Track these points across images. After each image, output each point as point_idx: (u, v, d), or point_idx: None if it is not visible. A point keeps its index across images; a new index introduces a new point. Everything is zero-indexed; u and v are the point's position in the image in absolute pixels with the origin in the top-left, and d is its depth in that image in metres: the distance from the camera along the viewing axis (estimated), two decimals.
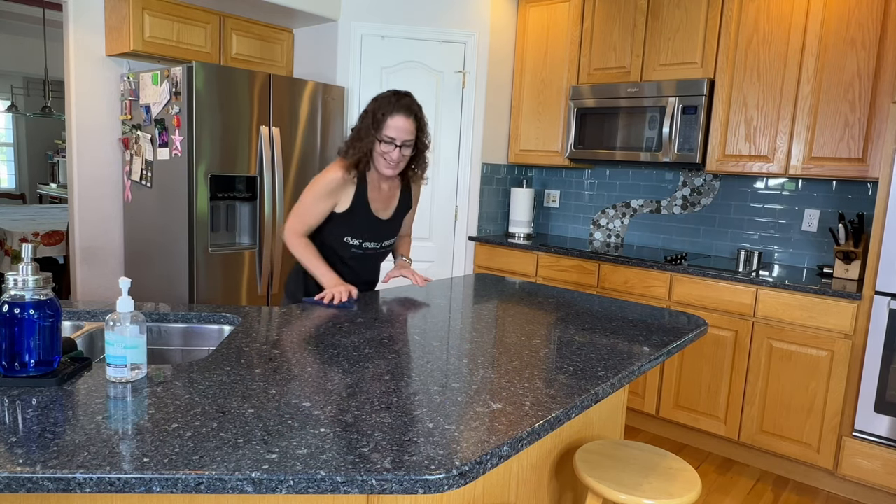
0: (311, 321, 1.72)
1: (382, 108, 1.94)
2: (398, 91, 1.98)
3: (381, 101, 1.96)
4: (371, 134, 1.95)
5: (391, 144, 1.95)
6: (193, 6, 3.45)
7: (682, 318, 1.99)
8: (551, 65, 3.86)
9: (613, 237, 4.02)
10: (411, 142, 1.98)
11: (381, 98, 1.97)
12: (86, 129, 3.38)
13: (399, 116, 1.93)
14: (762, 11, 3.06)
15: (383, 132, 1.94)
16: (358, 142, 1.97)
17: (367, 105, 2.00)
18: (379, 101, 1.96)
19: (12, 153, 9.02)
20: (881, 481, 2.60)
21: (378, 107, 1.95)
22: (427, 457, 0.97)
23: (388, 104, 1.94)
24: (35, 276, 1.18)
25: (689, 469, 1.60)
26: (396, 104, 1.94)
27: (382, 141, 1.95)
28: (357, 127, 2.00)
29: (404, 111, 1.94)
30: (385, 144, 1.95)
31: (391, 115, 1.93)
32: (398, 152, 1.96)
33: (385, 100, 1.96)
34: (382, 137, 1.94)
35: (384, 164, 1.99)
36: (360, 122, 1.99)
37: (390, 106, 1.94)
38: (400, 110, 1.94)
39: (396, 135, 1.94)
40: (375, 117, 1.94)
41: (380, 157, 1.98)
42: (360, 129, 1.98)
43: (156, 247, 3.32)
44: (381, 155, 1.97)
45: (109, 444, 0.95)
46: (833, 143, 2.90)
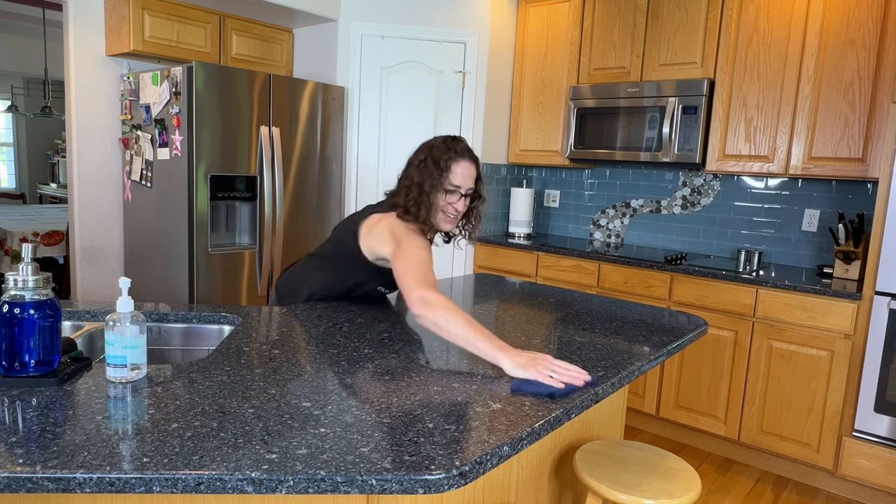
0: (312, 321, 1.72)
1: (444, 155, 1.74)
2: (451, 136, 1.80)
3: (438, 149, 1.76)
4: (437, 184, 1.73)
5: (456, 194, 1.76)
6: (193, 6, 3.46)
7: (682, 318, 1.99)
8: (551, 65, 3.86)
9: (613, 237, 4.02)
10: (472, 191, 1.80)
11: (436, 145, 1.77)
12: (86, 129, 3.38)
13: (464, 161, 1.76)
14: (762, 11, 3.06)
15: (450, 180, 1.74)
16: (423, 196, 1.73)
17: (419, 154, 1.80)
18: (436, 149, 1.76)
19: (12, 153, 9.02)
20: (881, 481, 2.60)
21: (438, 154, 1.75)
22: (427, 457, 0.97)
23: (448, 150, 1.75)
24: (35, 276, 1.18)
25: (689, 469, 1.60)
26: (458, 149, 1.76)
27: (448, 191, 1.75)
28: (416, 180, 1.75)
29: (468, 156, 1.77)
30: (450, 195, 1.76)
31: (455, 160, 1.74)
32: (463, 203, 1.78)
33: (442, 146, 1.76)
34: (448, 186, 1.74)
35: (444, 218, 1.78)
36: (419, 174, 1.75)
37: (452, 151, 1.75)
38: (464, 156, 1.76)
39: (462, 182, 1.76)
40: (439, 165, 1.73)
41: (440, 212, 1.77)
42: (422, 181, 1.74)
43: (156, 247, 3.32)
44: (443, 208, 1.77)
45: (109, 444, 0.95)
46: (833, 143, 2.90)
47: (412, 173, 1.77)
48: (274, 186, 3.34)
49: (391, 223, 1.76)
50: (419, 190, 1.74)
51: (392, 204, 1.81)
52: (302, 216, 3.55)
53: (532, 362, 1.35)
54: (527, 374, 1.34)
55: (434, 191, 1.74)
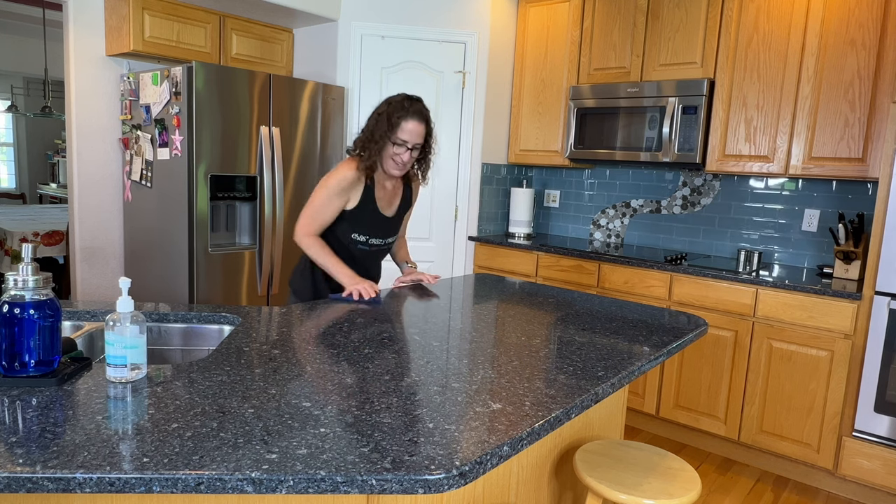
0: (312, 321, 1.72)
1: (397, 112, 2.01)
2: (410, 96, 2.05)
3: (394, 105, 2.03)
4: (385, 136, 2.02)
5: (403, 147, 2.03)
6: (193, 6, 3.46)
7: (682, 318, 1.99)
8: (551, 65, 3.86)
9: (613, 237, 4.02)
10: (420, 145, 2.07)
11: (394, 102, 2.04)
12: (86, 129, 3.38)
13: (413, 121, 2.02)
14: (762, 11, 3.06)
15: (397, 135, 2.02)
16: (371, 143, 2.04)
17: (379, 107, 2.06)
18: (392, 105, 2.03)
19: (12, 153, 9.02)
20: (881, 481, 2.60)
21: (392, 110, 2.02)
22: (427, 457, 0.97)
23: (402, 108, 2.01)
24: (35, 276, 1.18)
25: (689, 469, 1.60)
26: (410, 109, 2.02)
27: (395, 143, 2.03)
28: (369, 128, 2.05)
29: (418, 116, 2.03)
30: (397, 147, 2.03)
31: (405, 119, 2.01)
32: (409, 155, 2.05)
33: (399, 104, 2.03)
34: (396, 140, 2.02)
35: (393, 165, 2.07)
36: (374, 124, 2.04)
37: (404, 110, 2.01)
38: (414, 115, 2.02)
39: (409, 138, 2.02)
40: (390, 121, 2.01)
41: (389, 159, 2.06)
42: (374, 130, 2.03)
43: (156, 247, 3.32)
44: (392, 156, 2.05)
45: (109, 444, 0.95)
46: (833, 143, 2.90)
47: (370, 122, 2.07)
48: (274, 186, 3.34)
49: (340, 164, 2.11)
50: (370, 137, 2.05)
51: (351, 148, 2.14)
52: None
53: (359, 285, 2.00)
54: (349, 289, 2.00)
55: (382, 140, 2.03)
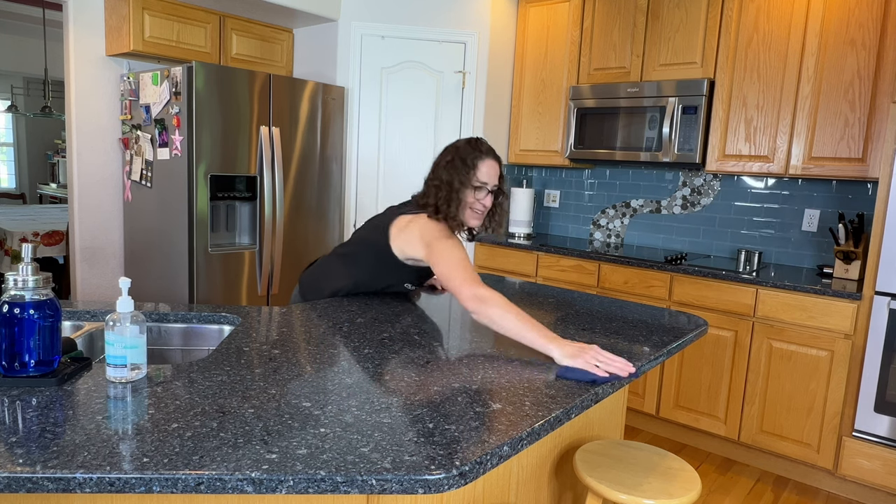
0: (311, 321, 1.72)
1: (470, 155, 1.85)
2: (473, 137, 1.91)
3: (463, 149, 1.86)
4: (465, 182, 1.82)
5: (483, 190, 1.85)
6: (193, 6, 3.46)
7: (682, 318, 1.99)
8: (551, 65, 3.86)
9: (613, 237, 4.02)
10: (496, 187, 1.89)
11: (461, 146, 1.87)
12: (86, 129, 3.38)
13: (489, 160, 1.86)
14: (762, 11, 3.06)
15: (477, 177, 1.83)
16: (454, 194, 1.82)
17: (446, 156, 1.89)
18: (461, 149, 1.86)
19: (12, 153, 9.02)
20: (881, 481, 2.60)
21: (464, 154, 1.85)
22: (427, 457, 0.97)
23: (473, 149, 1.86)
24: (35, 276, 1.18)
25: (689, 469, 1.60)
26: (482, 149, 1.87)
27: (475, 188, 1.84)
28: (445, 179, 1.84)
29: (492, 155, 1.88)
30: (478, 192, 1.85)
31: (481, 159, 1.84)
32: (489, 199, 1.88)
33: (468, 146, 1.87)
34: (476, 183, 1.83)
35: (472, 214, 1.87)
36: (448, 174, 1.84)
37: (478, 151, 1.86)
38: (489, 154, 1.87)
39: (488, 179, 1.85)
40: (466, 163, 1.83)
41: (467, 209, 1.86)
42: (452, 180, 1.83)
43: (156, 247, 3.32)
44: (471, 205, 1.85)
45: (109, 444, 0.95)
46: (833, 143, 2.90)
47: (440, 173, 1.85)
48: (274, 186, 3.34)
49: (422, 224, 1.83)
50: (449, 188, 1.82)
51: (423, 204, 1.88)
52: (302, 216, 3.55)
53: (580, 352, 1.45)
54: (575, 363, 1.43)
55: (463, 188, 1.82)
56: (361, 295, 2.07)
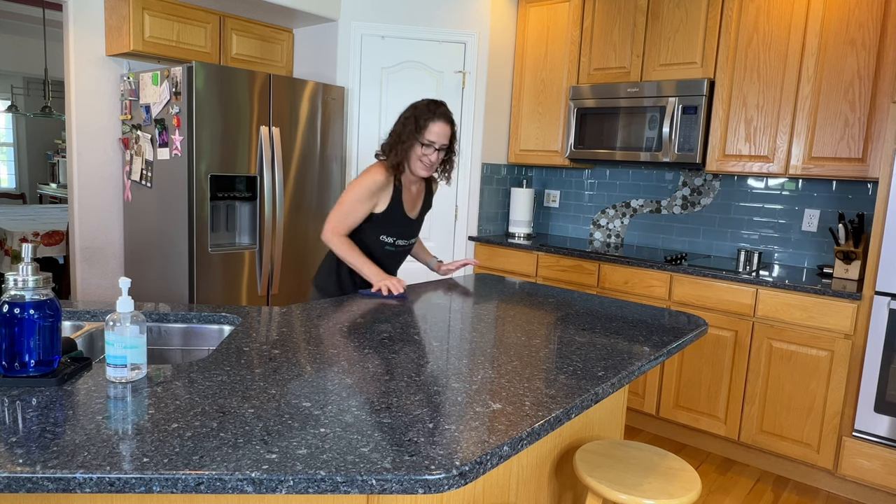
0: (311, 321, 1.72)
1: (424, 115, 2.11)
2: (434, 100, 2.16)
3: (420, 109, 2.13)
4: (413, 138, 2.11)
5: (430, 147, 2.12)
6: (193, 6, 3.46)
7: (682, 318, 1.99)
8: (551, 65, 3.86)
9: (613, 237, 4.02)
10: (446, 146, 2.16)
11: (420, 106, 2.14)
12: (86, 129, 3.38)
13: (439, 122, 2.12)
14: (762, 11, 3.06)
15: (425, 136, 2.11)
16: (399, 145, 2.13)
17: (406, 112, 2.16)
18: (419, 109, 2.13)
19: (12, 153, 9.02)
20: (881, 481, 2.60)
21: (419, 114, 2.12)
22: (427, 457, 0.97)
23: (428, 111, 2.12)
24: (35, 276, 1.18)
25: (689, 469, 1.60)
26: (437, 111, 2.13)
27: (423, 144, 2.12)
28: (397, 131, 2.15)
29: (444, 118, 2.14)
30: (425, 147, 2.12)
31: (432, 121, 2.11)
32: (437, 155, 2.15)
33: (425, 107, 2.13)
34: (424, 141, 2.11)
35: (421, 166, 2.15)
36: (401, 127, 2.14)
37: (431, 113, 2.12)
38: (440, 117, 2.13)
39: (436, 139, 2.12)
40: (418, 123, 2.11)
41: (417, 160, 2.15)
42: (402, 133, 2.12)
43: (156, 247, 3.32)
44: (420, 158, 2.14)
45: (109, 444, 0.95)
46: (833, 143, 2.90)
47: (398, 126, 2.16)
48: (274, 186, 3.34)
49: (369, 168, 2.17)
50: (398, 139, 2.14)
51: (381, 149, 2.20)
52: (302, 216, 3.55)
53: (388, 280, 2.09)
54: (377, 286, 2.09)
55: (410, 141, 2.12)
56: (362, 295, 2.08)
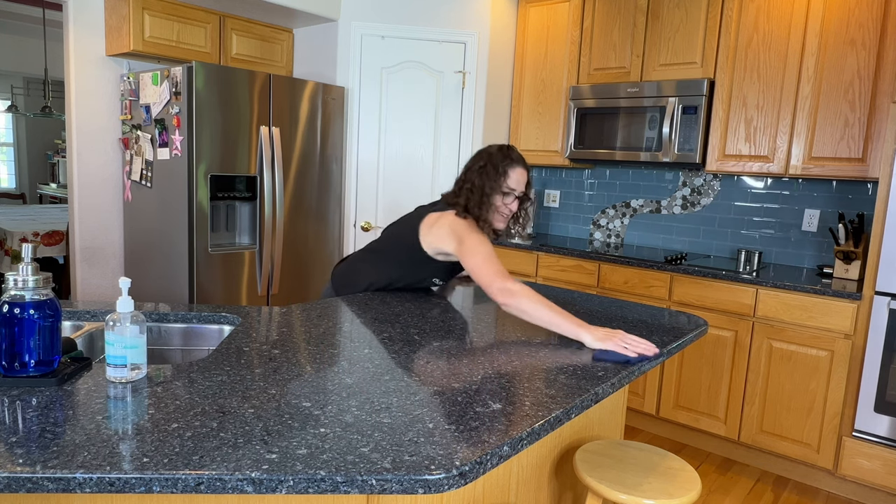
0: (311, 321, 1.72)
1: (501, 162, 1.96)
2: (504, 145, 2.01)
3: (495, 156, 1.97)
4: (496, 188, 1.94)
5: (511, 196, 1.97)
6: (193, 6, 3.45)
7: (682, 318, 1.99)
8: (551, 65, 3.86)
9: (613, 237, 4.02)
10: (523, 193, 2.01)
11: (493, 152, 1.98)
12: (86, 129, 3.38)
13: (519, 168, 1.97)
14: (762, 11, 3.06)
15: (507, 184, 1.95)
16: (484, 197, 1.94)
17: (478, 160, 1.99)
18: (493, 156, 1.97)
19: (12, 153, 9.02)
20: (881, 481, 2.60)
21: (497, 160, 1.96)
22: (427, 457, 0.97)
23: (504, 157, 1.97)
24: (35, 276, 1.18)
25: (689, 469, 1.60)
26: (513, 157, 1.98)
27: (504, 193, 1.96)
28: (477, 183, 1.95)
29: (522, 163, 1.99)
30: (506, 196, 1.96)
31: (512, 166, 1.96)
32: (516, 203, 2.00)
33: (499, 153, 1.98)
34: (505, 189, 1.95)
35: (500, 217, 1.99)
36: (480, 178, 1.95)
37: (510, 159, 1.97)
38: (519, 162, 1.98)
39: (517, 186, 1.97)
40: (498, 170, 1.95)
41: (495, 211, 1.98)
42: (484, 185, 1.94)
43: (156, 247, 3.32)
44: (498, 208, 1.97)
45: (109, 444, 0.95)
46: (833, 143, 2.90)
47: (473, 177, 1.97)
48: (274, 186, 3.34)
49: (451, 221, 1.94)
50: (480, 192, 1.94)
51: (452, 203, 1.98)
52: (302, 216, 3.55)
53: (610, 336, 1.61)
54: (606, 345, 1.58)
55: (493, 193, 1.94)
56: (362, 295, 2.07)
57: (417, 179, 3.85)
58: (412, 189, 3.86)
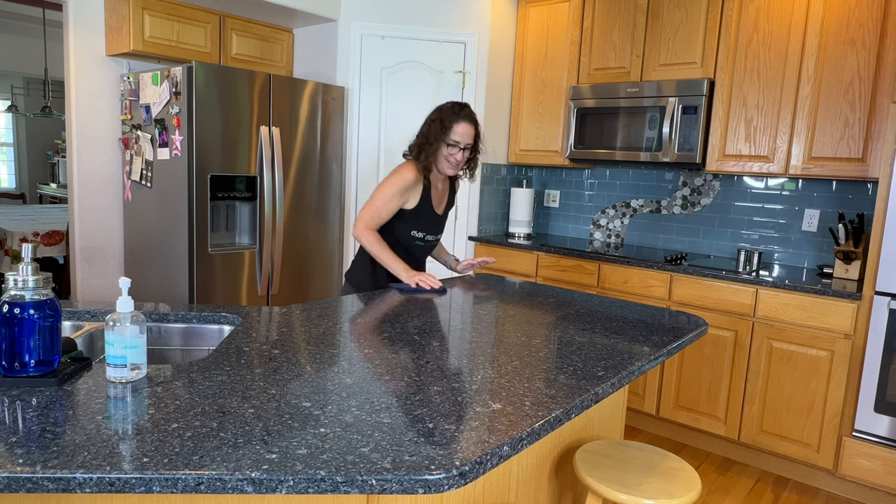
0: (312, 321, 1.72)
1: (449, 117, 2.22)
2: (458, 102, 2.27)
3: (446, 111, 2.24)
4: (439, 138, 2.22)
5: (456, 147, 2.23)
6: (193, 6, 3.46)
7: (682, 318, 1.99)
8: (551, 65, 3.86)
9: (613, 237, 4.02)
10: (470, 145, 2.27)
11: (445, 108, 2.25)
12: (86, 129, 3.38)
13: (464, 123, 2.23)
14: (762, 11, 3.06)
15: (451, 137, 2.22)
16: (427, 146, 2.24)
17: (431, 114, 2.27)
18: (444, 111, 2.24)
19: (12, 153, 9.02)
20: (881, 481, 2.60)
21: (444, 115, 2.23)
22: (427, 457, 0.97)
23: (453, 113, 2.23)
24: (35, 276, 1.18)
25: (689, 469, 1.60)
26: (461, 113, 2.23)
27: (449, 145, 2.22)
28: (424, 133, 2.26)
29: (468, 119, 2.24)
30: (451, 147, 2.23)
31: (457, 122, 2.22)
32: (462, 154, 2.26)
33: (449, 109, 2.24)
34: (449, 141, 2.22)
35: (447, 165, 2.26)
36: (427, 129, 2.25)
37: (455, 115, 2.23)
38: (464, 118, 2.23)
39: (461, 139, 2.23)
40: (443, 124, 2.22)
41: (444, 160, 2.25)
42: (429, 134, 2.24)
43: (156, 247, 3.32)
44: (446, 157, 2.25)
45: (109, 444, 0.95)
46: (833, 143, 2.90)
47: (424, 128, 2.27)
48: (274, 186, 3.34)
49: (398, 166, 2.27)
50: (425, 140, 2.25)
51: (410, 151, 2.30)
52: (302, 216, 3.55)
53: (420, 276, 2.21)
54: (409, 282, 2.20)
55: (437, 142, 2.22)
56: (362, 294, 2.08)
57: None
58: None
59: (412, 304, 2.00)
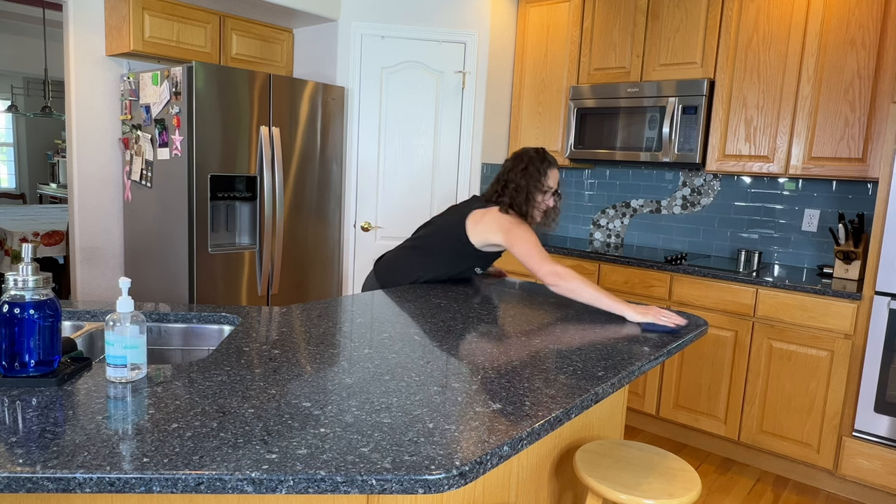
0: (311, 321, 1.72)
1: (541, 164, 2.21)
2: (538, 148, 2.26)
3: (534, 158, 2.22)
4: (537, 187, 2.20)
5: (549, 193, 2.23)
6: (193, 6, 3.46)
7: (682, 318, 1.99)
8: (551, 65, 3.86)
9: (613, 237, 4.02)
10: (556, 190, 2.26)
11: (532, 155, 2.23)
12: (86, 129, 3.38)
13: (555, 169, 2.24)
14: (762, 11, 3.06)
15: (546, 183, 2.21)
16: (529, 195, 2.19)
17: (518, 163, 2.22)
18: (533, 158, 2.22)
19: (12, 153, 9.02)
20: (881, 481, 2.60)
21: (536, 163, 2.21)
22: (427, 457, 0.97)
23: (542, 160, 2.22)
24: (35, 276, 1.18)
25: (689, 469, 1.60)
26: (549, 159, 2.23)
27: (544, 192, 2.22)
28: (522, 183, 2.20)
29: (556, 164, 2.25)
30: (545, 195, 2.22)
31: (550, 168, 2.22)
32: (552, 200, 2.25)
33: (538, 156, 2.22)
34: (544, 188, 2.21)
35: (539, 212, 2.24)
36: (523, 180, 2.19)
37: (546, 161, 2.22)
38: (554, 164, 2.24)
39: (553, 185, 2.23)
40: (539, 171, 2.20)
41: (535, 208, 2.23)
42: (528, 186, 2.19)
43: (156, 247, 3.32)
44: (538, 205, 2.22)
45: (109, 444, 0.95)
46: (833, 143, 2.90)
47: (516, 178, 2.22)
48: (274, 186, 3.34)
49: (497, 216, 2.19)
50: (525, 191, 2.20)
51: (496, 201, 2.24)
52: (302, 216, 3.55)
53: (647, 310, 1.89)
54: (647, 318, 1.86)
55: (535, 191, 2.20)
56: (362, 294, 2.08)
57: (417, 179, 3.85)
58: (412, 189, 3.86)
59: (412, 304, 2.00)
